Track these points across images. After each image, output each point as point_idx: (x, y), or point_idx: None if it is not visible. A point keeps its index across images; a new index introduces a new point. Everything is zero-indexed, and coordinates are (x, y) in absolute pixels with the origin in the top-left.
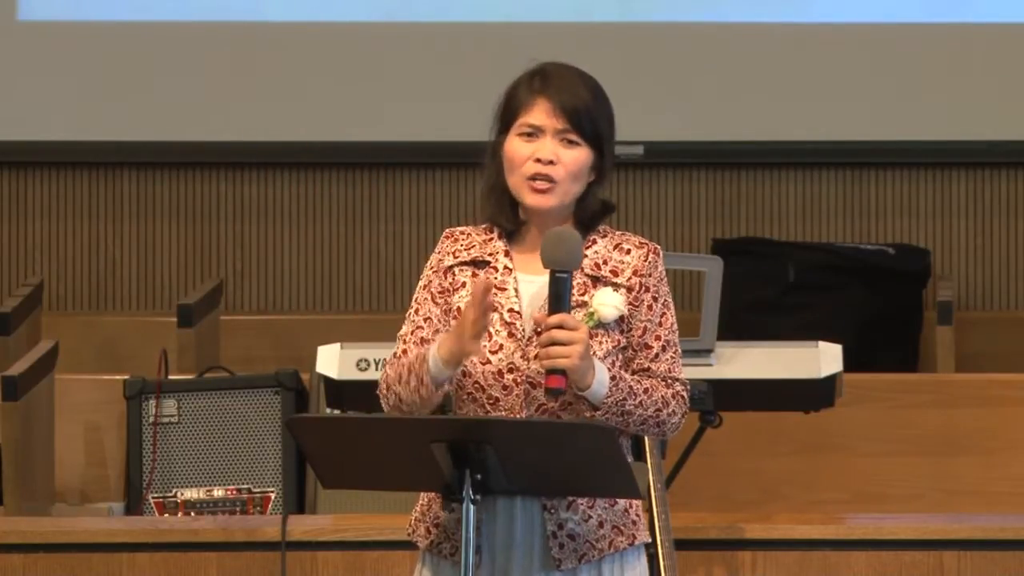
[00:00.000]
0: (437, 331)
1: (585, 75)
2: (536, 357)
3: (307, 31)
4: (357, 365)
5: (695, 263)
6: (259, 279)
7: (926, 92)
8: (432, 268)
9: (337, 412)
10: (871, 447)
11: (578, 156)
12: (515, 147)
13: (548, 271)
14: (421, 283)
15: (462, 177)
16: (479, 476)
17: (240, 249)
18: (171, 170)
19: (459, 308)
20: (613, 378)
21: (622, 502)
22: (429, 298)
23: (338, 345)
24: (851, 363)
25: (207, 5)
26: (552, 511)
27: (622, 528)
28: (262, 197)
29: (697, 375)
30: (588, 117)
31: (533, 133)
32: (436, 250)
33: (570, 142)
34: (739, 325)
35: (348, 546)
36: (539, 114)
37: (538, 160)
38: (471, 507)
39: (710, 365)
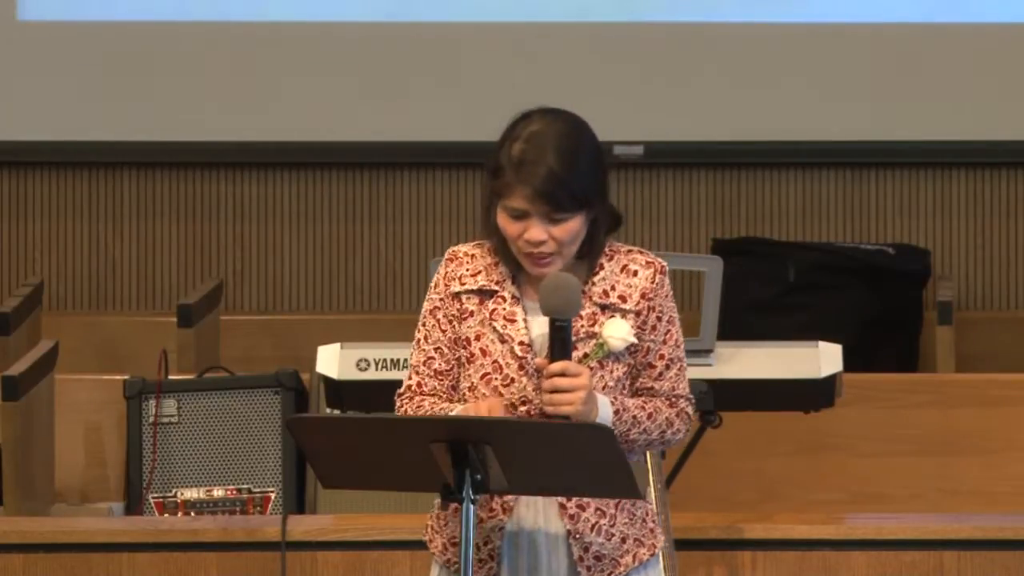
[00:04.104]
0: (450, 360)
1: (562, 137)
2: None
3: (307, 31)
4: (357, 365)
5: (695, 263)
6: (259, 279)
7: (926, 92)
8: (439, 292)
9: (337, 412)
10: (871, 447)
11: (569, 226)
12: (505, 223)
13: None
14: (427, 307)
15: (462, 177)
16: (479, 476)
17: (240, 249)
18: (171, 170)
19: (467, 338)
20: (616, 412)
21: (640, 513)
22: (437, 324)
23: (338, 345)
24: (851, 363)
25: (207, 5)
26: (577, 536)
27: (643, 540)
28: (262, 197)
29: (697, 375)
30: (568, 192)
31: (520, 216)
32: (440, 272)
33: (556, 219)
34: (739, 325)
35: (348, 546)
36: (520, 200)
37: (528, 242)
38: (471, 507)
39: (710, 365)
